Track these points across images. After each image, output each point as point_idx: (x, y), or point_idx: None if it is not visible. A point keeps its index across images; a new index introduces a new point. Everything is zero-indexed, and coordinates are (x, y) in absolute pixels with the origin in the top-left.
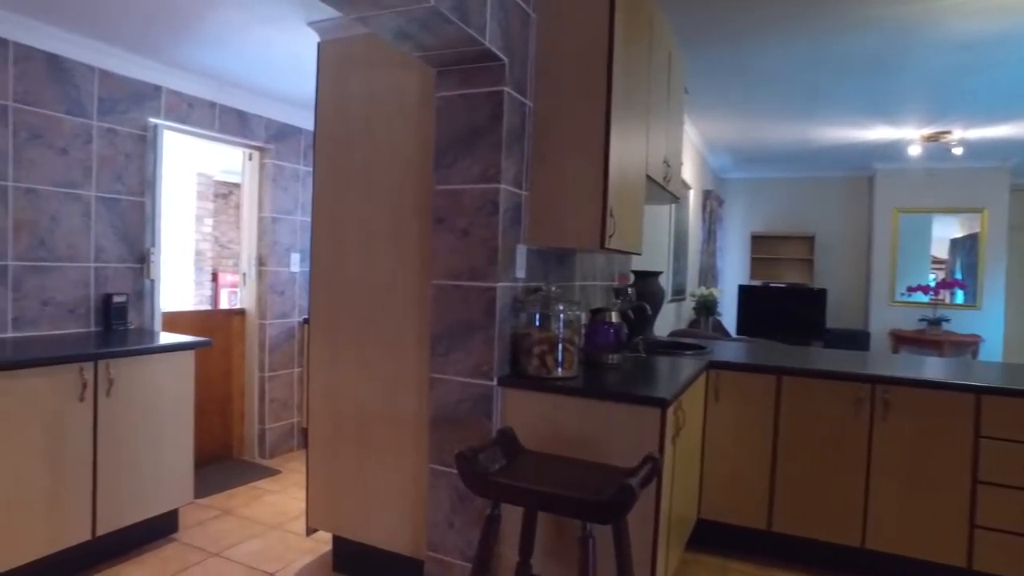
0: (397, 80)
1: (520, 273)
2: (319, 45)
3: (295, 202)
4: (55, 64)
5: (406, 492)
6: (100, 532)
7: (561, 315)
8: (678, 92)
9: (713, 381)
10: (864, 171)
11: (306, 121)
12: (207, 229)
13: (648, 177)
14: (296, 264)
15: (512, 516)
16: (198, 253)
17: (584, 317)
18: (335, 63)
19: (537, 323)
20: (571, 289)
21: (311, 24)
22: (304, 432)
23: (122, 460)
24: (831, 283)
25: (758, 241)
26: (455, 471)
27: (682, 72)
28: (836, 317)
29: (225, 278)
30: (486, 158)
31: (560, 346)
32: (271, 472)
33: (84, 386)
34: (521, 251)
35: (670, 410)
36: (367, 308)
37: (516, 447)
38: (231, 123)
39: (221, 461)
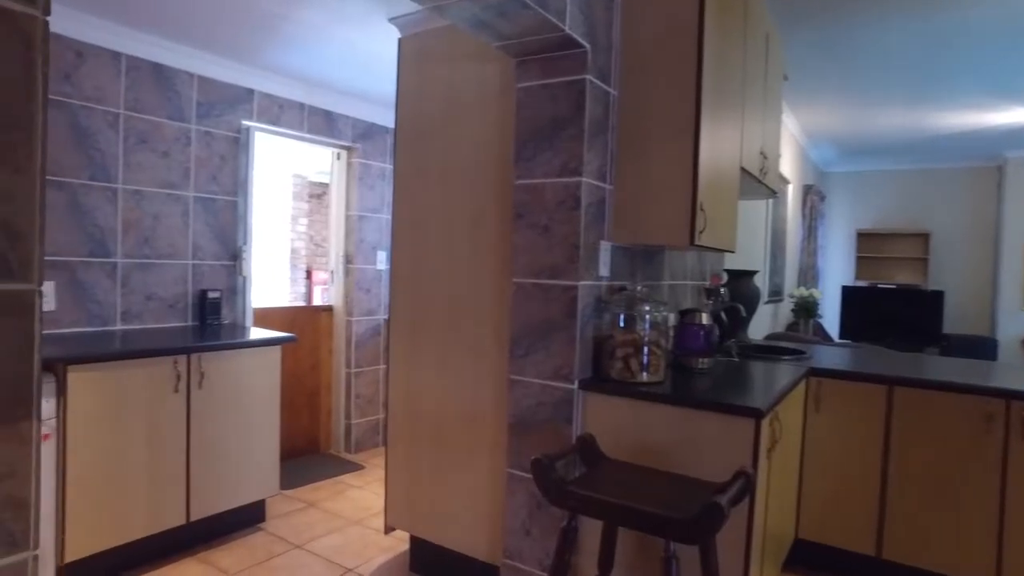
0: (476, 73)
1: (603, 271)
2: (399, 41)
3: (381, 200)
4: (159, 72)
5: (483, 496)
6: (194, 517)
7: (647, 316)
8: (776, 78)
9: (814, 389)
10: (992, 160)
11: (391, 120)
12: (302, 228)
13: (743, 169)
14: (382, 262)
15: (592, 527)
16: (293, 251)
17: (672, 318)
18: (415, 58)
19: (621, 324)
20: (659, 289)
21: (391, 20)
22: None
23: (213, 450)
24: (949, 284)
25: (865, 239)
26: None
27: (780, 56)
28: (955, 322)
29: (318, 276)
30: (568, 150)
31: (646, 349)
32: (355, 467)
33: (178, 378)
34: (605, 248)
35: (765, 421)
36: (446, 306)
37: (596, 455)
38: (319, 123)
39: (308, 454)
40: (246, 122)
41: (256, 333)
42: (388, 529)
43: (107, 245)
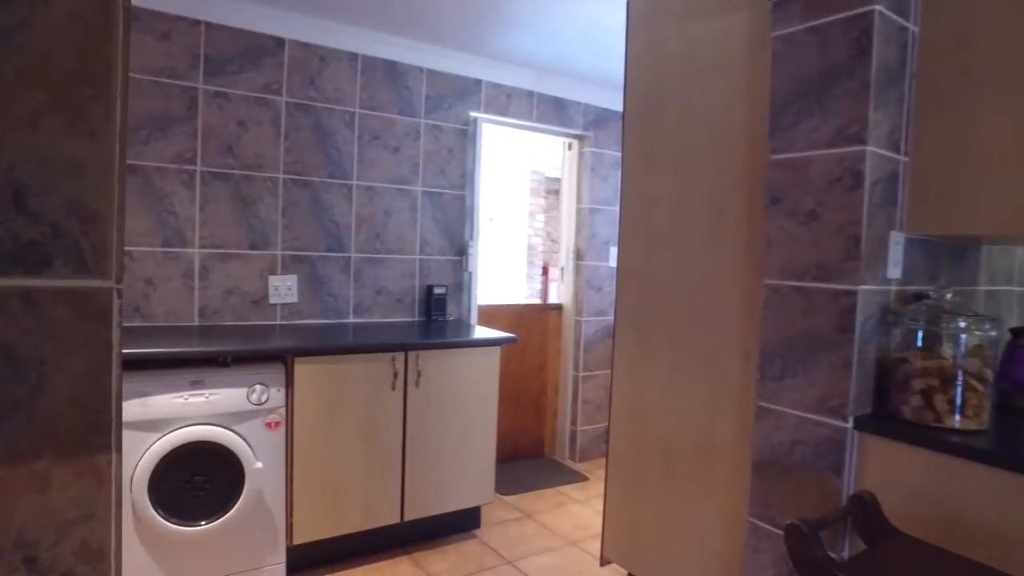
0: (718, 27)
1: (894, 272)
2: (628, 2)
3: (614, 192)
4: (392, 70)
5: (717, 543)
6: (408, 517)
7: (961, 335)
8: None
9: None
10: None
11: None
12: (539, 224)
13: None
14: (614, 258)
15: None
16: (530, 248)
17: (998, 340)
18: (646, 19)
19: (919, 344)
20: (973, 296)
21: None
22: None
23: (428, 451)
24: None
25: None
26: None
27: None
28: None
29: (554, 272)
30: (845, 111)
31: (959, 381)
32: (579, 478)
33: (395, 375)
34: (896, 241)
35: None
36: (681, 310)
37: (879, 526)
38: (548, 112)
39: (532, 458)
40: (473, 113)
41: (479, 332)
42: (604, 562)
43: (342, 240)
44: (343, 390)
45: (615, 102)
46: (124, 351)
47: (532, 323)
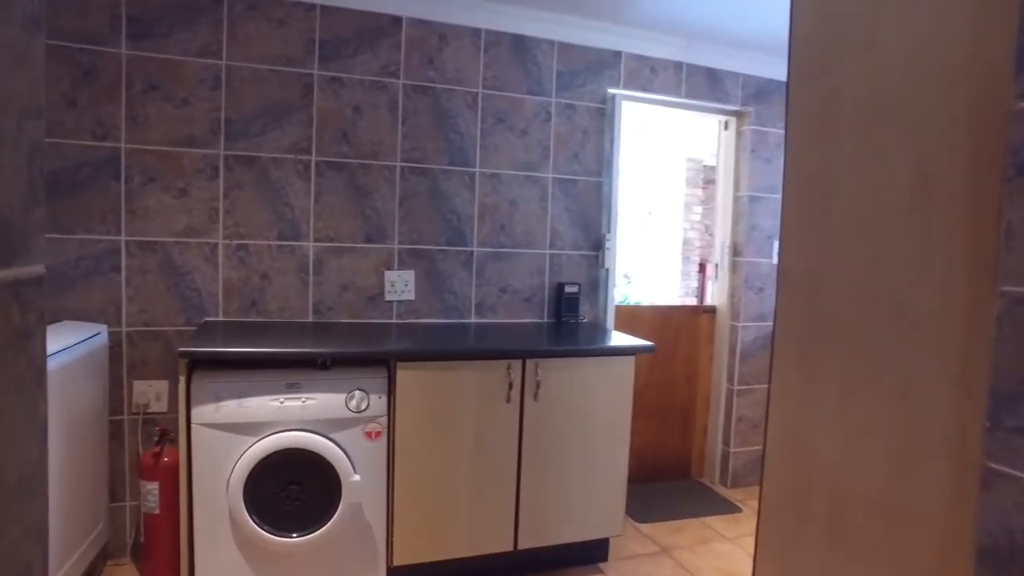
0: None
1: None
2: None
3: (780, 176)
4: (519, 44)
5: None
6: (522, 546)
7: None
8: None
9: None
10: None
11: None
12: (695, 217)
13: None
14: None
15: None
16: (685, 242)
17: None
18: None
19: None
20: None
21: None
22: (763, 452)
23: (547, 473)
24: None
25: None
26: None
27: None
28: None
29: (711, 270)
30: None
31: None
32: (729, 508)
33: (510, 385)
34: None
35: None
36: (864, 323)
37: None
38: (700, 85)
39: (676, 479)
40: (611, 90)
41: (613, 337)
42: None
43: (464, 233)
44: (451, 400)
45: (780, 71)
46: (217, 349)
47: (680, 327)
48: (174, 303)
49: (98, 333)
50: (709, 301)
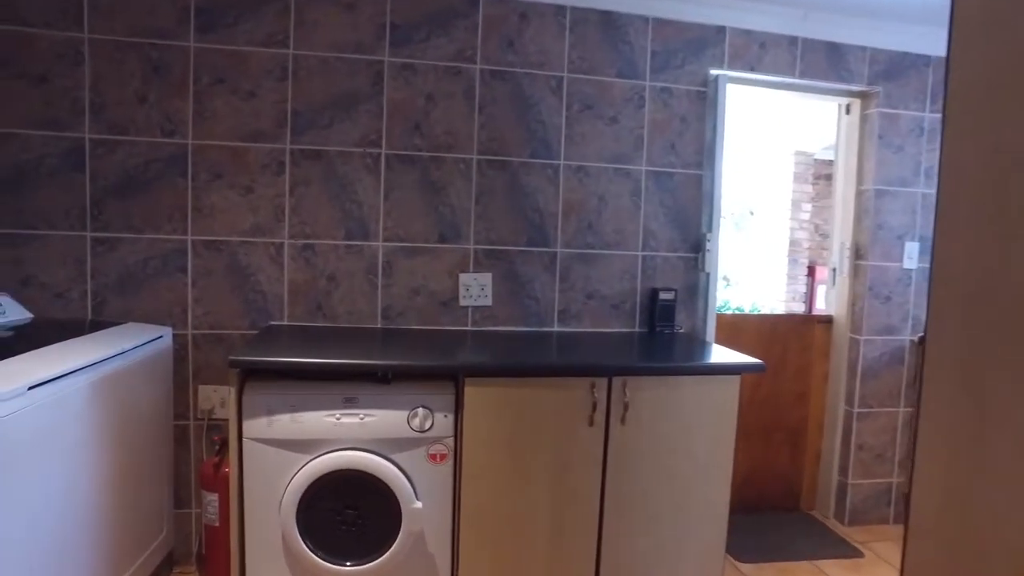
0: None
1: None
2: None
3: (915, 167)
4: (608, 22)
5: None
6: None
7: None
8: None
9: None
10: None
11: (933, 44)
12: (805, 216)
13: None
14: (913, 257)
15: None
16: (793, 243)
17: None
18: None
19: None
20: None
21: None
22: (906, 501)
23: (634, 506)
24: None
25: None
26: None
27: None
28: None
29: (823, 274)
30: None
31: None
32: (848, 550)
33: (594, 406)
34: None
35: None
36: None
37: None
38: (818, 63)
39: (783, 511)
40: (714, 71)
41: (715, 352)
42: None
43: (546, 232)
44: (525, 421)
45: (916, 42)
46: (269, 359)
47: (791, 339)
48: (239, 305)
49: (161, 336)
50: (820, 307)
